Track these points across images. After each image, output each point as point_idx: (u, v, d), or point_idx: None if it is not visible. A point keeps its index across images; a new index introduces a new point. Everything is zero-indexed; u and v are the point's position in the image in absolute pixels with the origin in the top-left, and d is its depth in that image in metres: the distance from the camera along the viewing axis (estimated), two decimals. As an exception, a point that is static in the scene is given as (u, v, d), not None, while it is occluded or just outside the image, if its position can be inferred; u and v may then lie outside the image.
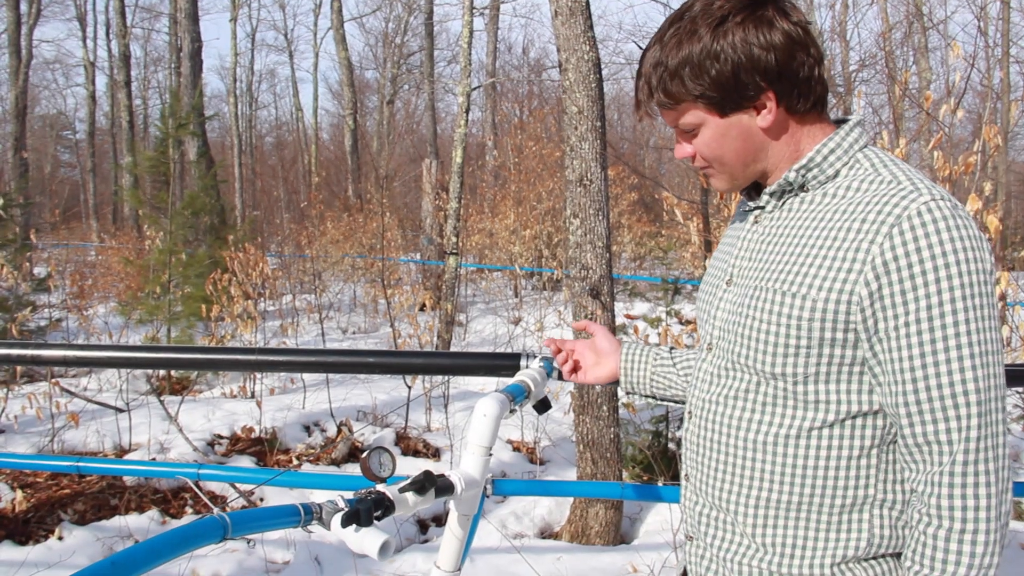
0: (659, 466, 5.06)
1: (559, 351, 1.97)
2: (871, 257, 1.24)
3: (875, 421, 1.33)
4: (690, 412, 1.53)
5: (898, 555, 1.37)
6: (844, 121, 1.42)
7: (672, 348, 1.91)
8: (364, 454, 1.52)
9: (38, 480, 5.15)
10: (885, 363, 1.27)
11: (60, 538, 4.46)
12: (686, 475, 1.56)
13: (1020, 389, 5.31)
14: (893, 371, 1.26)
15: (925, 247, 1.21)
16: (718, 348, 1.47)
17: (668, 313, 5.75)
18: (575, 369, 1.97)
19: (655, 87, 1.38)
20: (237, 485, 4.97)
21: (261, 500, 4.98)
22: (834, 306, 1.27)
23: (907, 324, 1.23)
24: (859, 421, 1.33)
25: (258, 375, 7.83)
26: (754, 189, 1.51)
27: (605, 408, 4.34)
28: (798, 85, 1.34)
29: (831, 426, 1.34)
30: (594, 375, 1.94)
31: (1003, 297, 4.49)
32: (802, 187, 1.40)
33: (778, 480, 1.38)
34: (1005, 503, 1.24)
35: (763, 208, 1.46)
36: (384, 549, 1.39)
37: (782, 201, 1.43)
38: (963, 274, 1.21)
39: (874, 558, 1.36)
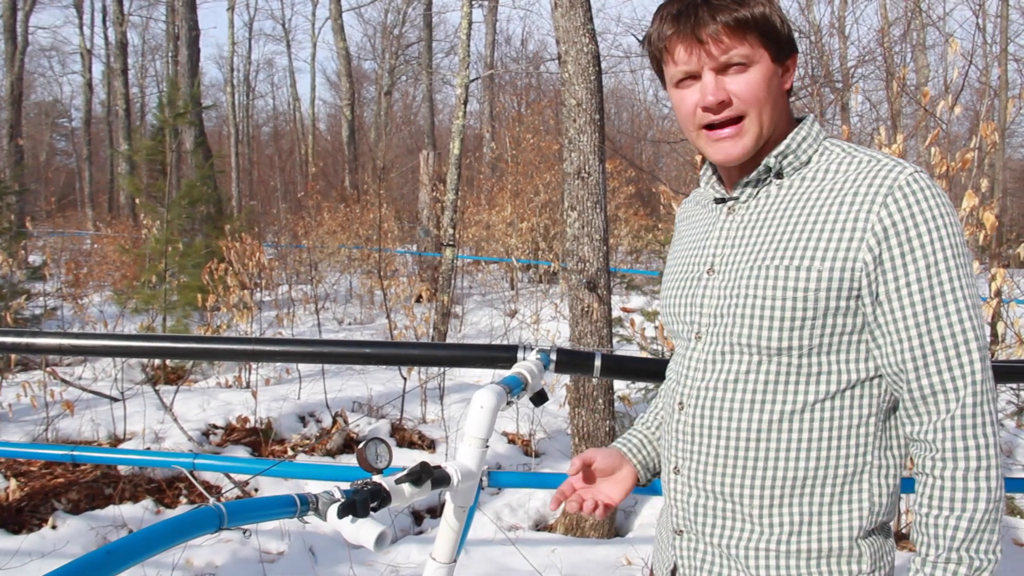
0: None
1: (580, 507, 1.72)
2: (870, 224, 1.32)
3: (871, 390, 1.40)
4: (680, 403, 1.53)
5: (884, 526, 1.44)
6: (802, 119, 1.51)
7: (646, 412, 1.86)
8: (361, 445, 1.52)
9: (32, 469, 5.15)
10: (887, 324, 1.34)
11: (54, 527, 4.45)
12: (676, 468, 1.55)
13: (1014, 385, 5.33)
14: (897, 330, 1.34)
15: (918, 212, 1.31)
16: (710, 335, 1.48)
17: (664, 307, 5.75)
18: (607, 505, 1.74)
19: (732, 7, 1.37)
20: (232, 475, 4.97)
21: (256, 491, 4.99)
22: (839, 274, 1.34)
23: (908, 284, 1.32)
24: (857, 391, 1.39)
25: (254, 365, 7.82)
26: (718, 181, 1.55)
27: (600, 401, 4.34)
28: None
29: (832, 397, 1.39)
30: (622, 491, 1.75)
31: (998, 293, 4.50)
32: (778, 174, 1.46)
33: (783, 458, 1.41)
34: (999, 439, 1.33)
35: (737, 199, 1.50)
36: (380, 540, 1.39)
37: (757, 190, 1.48)
38: (951, 235, 1.32)
39: (872, 532, 1.42)
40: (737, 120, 1.41)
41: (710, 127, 1.43)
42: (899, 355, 1.34)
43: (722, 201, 1.53)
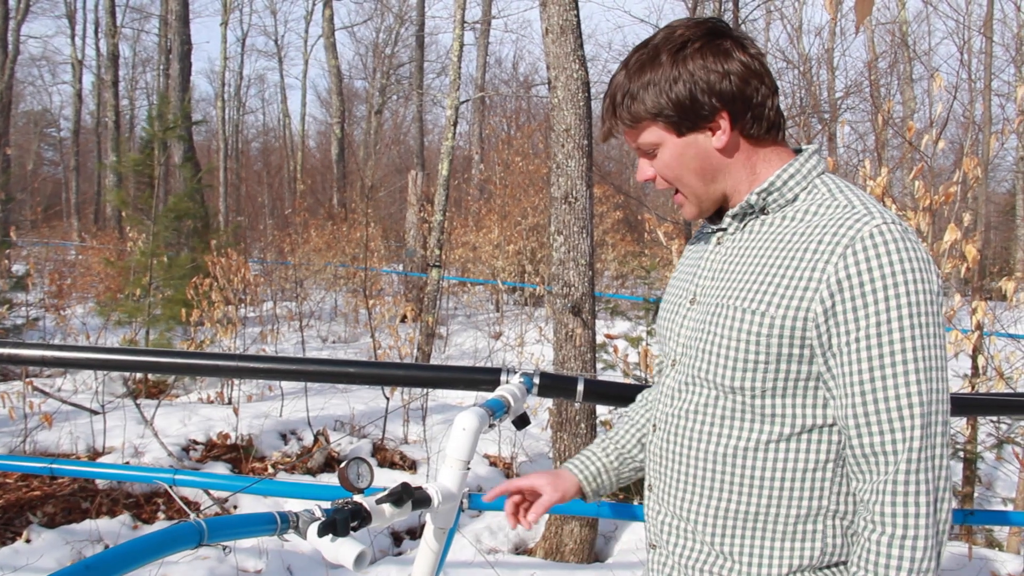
0: (635, 485, 5.07)
1: (517, 500, 1.78)
2: (826, 276, 1.31)
3: (830, 436, 1.39)
4: (655, 425, 1.59)
5: (847, 563, 1.43)
6: (801, 150, 1.50)
7: (605, 430, 1.89)
8: (342, 464, 1.52)
9: (7, 481, 5.09)
10: (837, 377, 1.34)
11: (28, 541, 4.41)
12: (649, 486, 1.61)
13: (993, 418, 5.36)
14: (844, 384, 1.33)
15: (876, 267, 1.29)
16: (681, 364, 1.52)
17: (649, 333, 5.77)
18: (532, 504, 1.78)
19: (619, 106, 1.47)
20: (211, 492, 4.93)
21: (235, 508, 4.95)
22: (791, 323, 1.34)
23: (857, 340, 1.30)
24: (814, 435, 1.39)
25: (236, 381, 7.78)
26: (716, 214, 1.57)
27: (583, 425, 4.35)
28: (752, 109, 1.42)
29: (787, 439, 1.40)
30: (562, 491, 1.80)
31: (979, 327, 4.54)
32: (763, 210, 1.47)
33: (736, 491, 1.43)
34: (941, 511, 1.31)
35: (725, 230, 1.52)
36: (360, 560, 1.40)
37: (743, 223, 1.50)
38: (910, 293, 1.28)
39: (826, 567, 1.42)
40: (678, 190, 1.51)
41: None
42: (845, 410, 1.34)
43: (713, 232, 1.56)
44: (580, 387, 2.54)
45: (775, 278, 1.37)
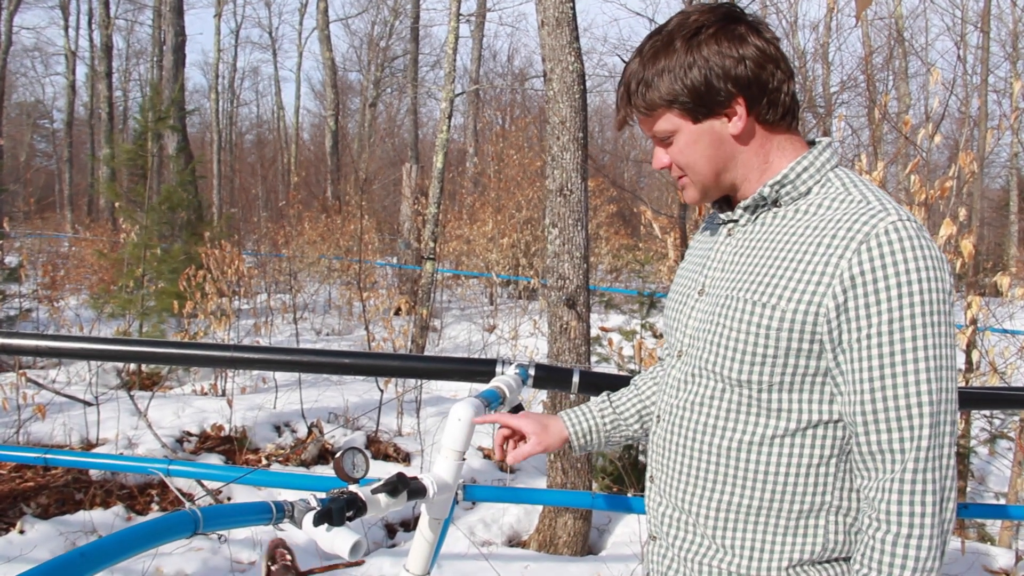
0: (630, 478, 5.07)
1: (507, 434, 1.82)
2: (840, 271, 1.29)
3: (835, 432, 1.38)
4: (659, 416, 1.58)
5: (849, 559, 1.43)
6: (815, 141, 1.48)
7: (608, 393, 1.88)
8: (338, 454, 1.52)
9: (1, 471, 5.08)
10: (846, 373, 1.32)
11: (21, 532, 4.40)
12: (651, 477, 1.60)
13: (987, 412, 5.38)
14: (853, 381, 1.32)
15: (891, 264, 1.27)
16: (688, 355, 1.51)
17: (643, 326, 5.77)
18: (521, 438, 1.82)
19: (633, 95, 1.45)
20: (205, 483, 4.93)
21: (229, 499, 4.95)
22: (802, 317, 1.32)
23: (869, 336, 1.29)
24: (819, 431, 1.38)
25: (230, 373, 7.77)
26: (725, 203, 1.55)
27: (577, 418, 4.34)
28: (768, 94, 1.40)
29: (792, 435, 1.39)
30: (545, 444, 1.80)
31: (974, 321, 4.55)
32: (775, 202, 1.45)
33: (740, 485, 1.42)
34: (947, 511, 1.30)
35: (736, 221, 1.51)
36: (355, 549, 1.40)
37: (755, 215, 1.48)
38: (924, 292, 1.27)
39: (827, 561, 1.42)
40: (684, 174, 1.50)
41: None
42: (853, 406, 1.33)
43: (724, 223, 1.54)
44: (576, 379, 2.55)
45: (787, 271, 1.35)
